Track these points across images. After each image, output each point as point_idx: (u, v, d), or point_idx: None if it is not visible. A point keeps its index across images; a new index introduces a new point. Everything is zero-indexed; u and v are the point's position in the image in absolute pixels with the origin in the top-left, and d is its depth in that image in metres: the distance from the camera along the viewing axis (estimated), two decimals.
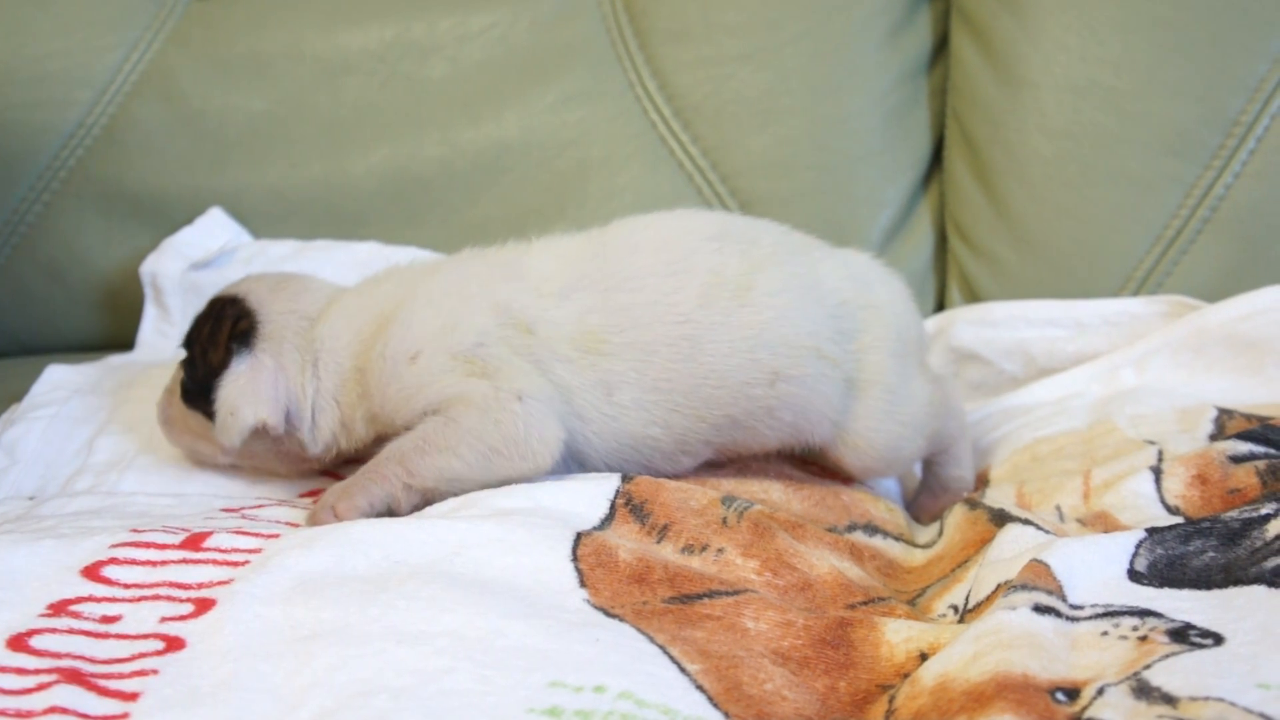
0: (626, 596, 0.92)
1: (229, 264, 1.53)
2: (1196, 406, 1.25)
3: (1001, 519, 1.05)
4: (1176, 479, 1.08)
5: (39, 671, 0.80)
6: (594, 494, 1.04)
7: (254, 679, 0.80)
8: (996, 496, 1.17)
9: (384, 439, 1.11)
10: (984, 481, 1.27)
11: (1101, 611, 0.88)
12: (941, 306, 1.59)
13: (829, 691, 0.87)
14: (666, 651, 0.86)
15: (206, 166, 1.60)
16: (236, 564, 0.92)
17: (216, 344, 1.15)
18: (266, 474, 1.20)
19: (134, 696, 0.78)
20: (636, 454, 1.12)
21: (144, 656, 0.82)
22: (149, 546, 0.94)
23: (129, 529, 0.97)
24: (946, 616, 0.98)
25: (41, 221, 1.61)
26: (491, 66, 1.60)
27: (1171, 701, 0.77)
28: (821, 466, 1.21)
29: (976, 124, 1.54)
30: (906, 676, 0.86)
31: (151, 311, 1.54)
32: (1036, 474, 1.23)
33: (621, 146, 1.58)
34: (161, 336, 1.52)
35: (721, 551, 1.01)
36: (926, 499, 1.27)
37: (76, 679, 0.79)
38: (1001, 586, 0.91)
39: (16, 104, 1.60)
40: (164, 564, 0.92)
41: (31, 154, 1.60)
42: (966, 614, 0.95)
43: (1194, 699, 0.77)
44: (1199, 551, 0.93)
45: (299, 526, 1.03)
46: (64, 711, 0.76)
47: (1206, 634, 0.84)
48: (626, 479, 1.06)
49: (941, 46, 1.61)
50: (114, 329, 1.62)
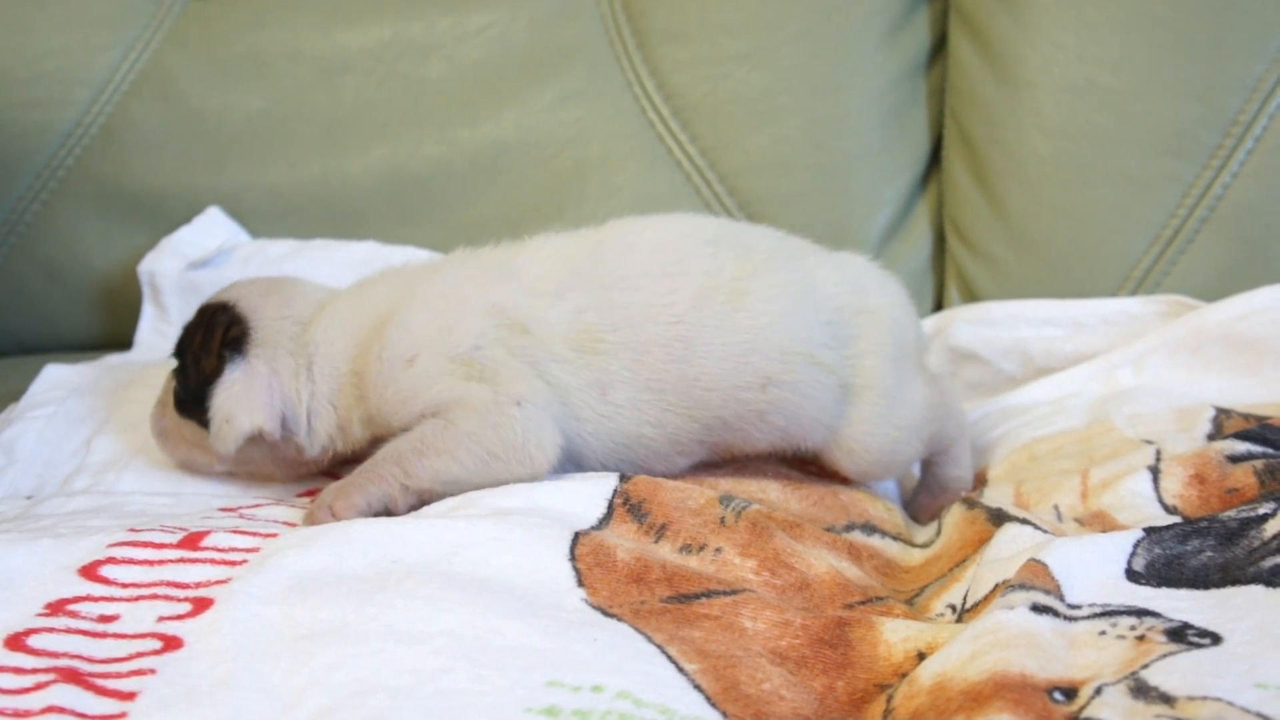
0: (624, 596, 0.92)
1: (227, 263, 1.53)
2: (1194, 406, 1.25)
3: (999, 518, 1.05)
4: (1174, 478, 1.08)
5: (36, 671, 0.80)
6: (592, 493, 1.04)
7: (252, 678, 0.80)
8: (994, 496, 1.17)
9: (381, 440, 1.11)
10: (982, 481, 1.27)
11: (1099, 611, 0.88)
12: (940, 306, 1.59)
13: (827, 691, 0.87)
14: (664, 651, 0.86)
15: (204, 166, 1.60)
16: (234, 563, 0.92)
17: (208, 351, 1.14)
18: (263, 480, 1.20)
19: (132, 696, 0.78)
20: (632, 453, 1.12)
21: (141, 656, 0.82)
22: (146, 546, 0.94)
23: (126, 528, 0.97)
24: (944, 616, 0.98)
25: (39, 221, 1.61)
26: (489, 66, 1.60)
27: (1169, 701, 0.77)
28: (819, 466, 1.21)
29: (975, 124, 1.54)
30: (904, 676, 0.86)
31: (149, 311, 1.54)
32: (1034, 473, 1.23)
33: (619, 146, 1.58)
34: (159, 336, 1.52)
35: (719, 551, 1.01)
36: (924, 499, 1.27)
37: (74, 678, 0.79)
38: (999, 586, 0.91)
39: (14, 103, 1.60)
40: (161, 563, 0.92)
41: (29, 153, 1.60)
42: (964, 613, 0.95)
43: (1192, 698, 0.77)
44: (1197, 551, 0.93)
45: (296, 526, 1.03)
46: (62, 711, 0.76)
47: (1204, 633, 0.84)
48: (624, 478, 1.06)
49: (940, 46, 1.61)
50: (112, 328, 1.62)
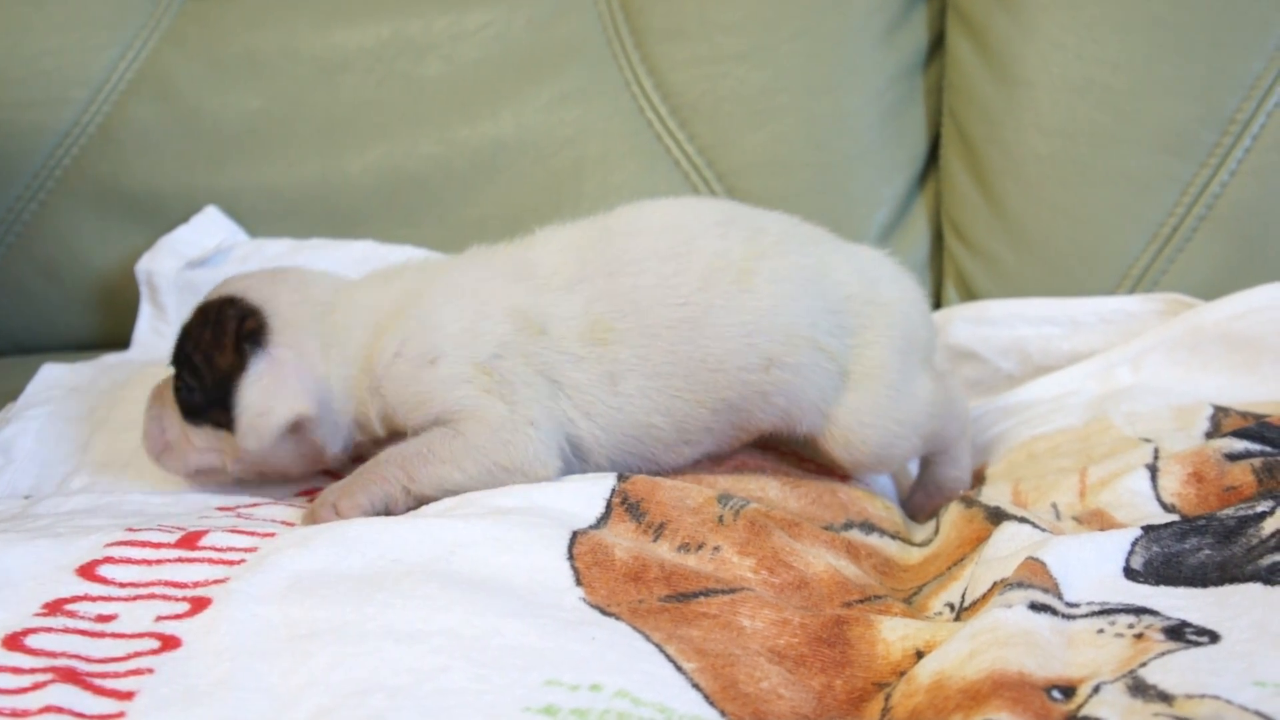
0: (623, 595, 0.92)
1: (225, 263, 1.53)
2: (1192, 404, 1.25)
3: (997, 517, 1.05)
4: (1172, 476, 1.08)
5: (34, 671, 0.80)
6: (590, 493, 1.04)
7: (250, 678, 0.80)
8: (992, 494, 1.17)
9: (392, 438, 1.11)
10: (980, 479, 1.27)
11: (1097, 609, 0.88)
12: (938, 305, 1.59)
13: (825, 689, 0.87)
14: (663, 650, 0.86)
15: (202, 165, 1.60)
16: (232, 563, 0.92)
17: (222, 348, 1.11)
18: (277, 480, 1.18)
19: (130, 696, 0.78)
20: (640, 445, 1.12)
21: (140, 655, 0.82)
22: (144, 545, 0.94)
23: (124, 528, 0.97)
24: (943, 614, 0.98)
25: (37, 220, 1.61)
26: (488, 65, 1.60)
27: (1167, 699, 0.77)
28: (818, 464, 1.21)
29: (973, 122, 1.54)
30: (902, 674, 0.86)
31: (147, 310, 1.54)
32: (1033, 472, 1.23)
33: (618, 145, 1.58)
34: (157, 335, 1.52)
35: (718, 550, 1.00)
36: (921, 497, 1.27)
37: (72, 678, 0.79)
38: (997, 584, 0.92)
39: (11, 103, 1.60)
40: (159, 563, 0.92)
41: (27, 153, 1.60)
42: (962, 612, 0.95)
43: (1190, 697, 0.77)
44: (1195, 549, 0.93)
45: (295, 525, 1.03)
46: (60, 711, 0.76)
47: (1202, 631, 0.84)
48: (623, 478, 1.07)
49: (937, 45, 1.61)
50: (110, 328, 1.62)
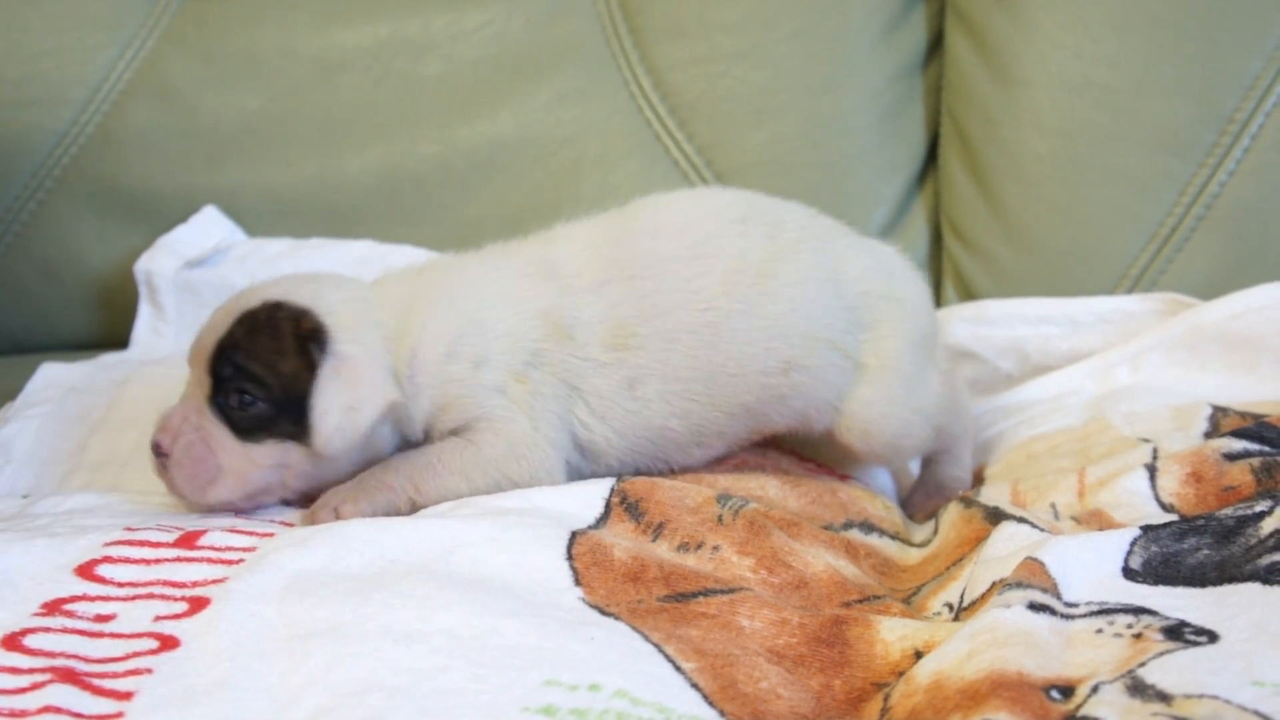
0: (622, 595, 0.92)
1: (223, 262, 1.53)
2: (1191, 404, 1.25)
3: (996, 517, 1.06)
4: (1171, 476, 1.08)
5: (33, 671, 0.79)
6: (589, 493, 1.04)
7: (249, 678, 0.80)
8: (991, 494, 1.17)
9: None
10: (979, 479, 1.27)
11: (1096, 609, 0.88)
12: (937, 304, 1.58)
13: (824, 689, 0.87)
14: (662, 650, 0.86)
15: (201, 165, 1.60)
16: (231, 562, 0.92)
17: (284, 353, 1.06)
18: (325, 487, 1.09)
19: (128, 695, 0.78)
20: (653, 447, 1.12)
21: (138, 655, 0.82)
22: (143, 545, 0.94)
23: (123, 527, 0.97)
24: (941, 614, 0.98)
25: (36, 220, 1.61)
26: (486, 64, 1.60)
27: (1166, 699, 0.77)
28: (819, 463, 1.21)
29: (971, 122, 1.54)
30: (901, 674, 0.86)
31: (146, 310, 1.54)
32: (1031, 472, 1.23)
33: (616, 144, 1.58)
34: (156, 335, 1.52)
35: (717, 549, 1.00)
36: (922, 497, 1.27)
37: (71, 678, 0.79)
38: (996, 584, 0.92)
39: (10, 103, 1.60)
40: (158, 562, 0.92)
41: (25, 153, 1.60)
42: (961, 612, 0.95)
43: (1189, 696, 0.77)
44: (1193, 549, 0.93)
45: (293, 525, 1.03)
46: (58, 711, 0.76)
47: (1201, 631, 0.84)
48: (622, 477, 1.07)
49: (936, 44, 1.61)
50: (108, 327, 1.62)
